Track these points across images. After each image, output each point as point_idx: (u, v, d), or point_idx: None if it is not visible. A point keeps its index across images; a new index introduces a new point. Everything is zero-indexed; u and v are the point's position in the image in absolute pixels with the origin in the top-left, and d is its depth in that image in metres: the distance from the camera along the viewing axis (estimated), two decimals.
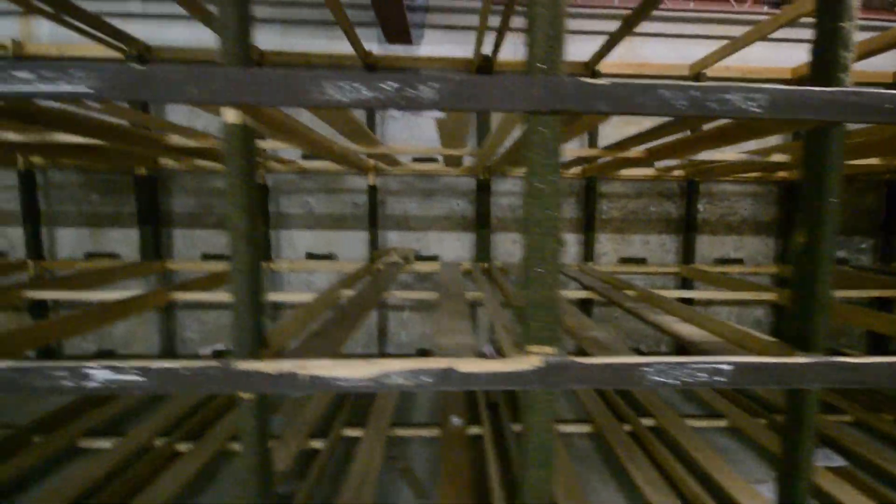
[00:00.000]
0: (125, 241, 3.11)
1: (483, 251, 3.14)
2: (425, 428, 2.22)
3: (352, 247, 3.21)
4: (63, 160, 2.76)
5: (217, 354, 3.10)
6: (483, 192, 3.11)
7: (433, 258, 3.23)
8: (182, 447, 1.96)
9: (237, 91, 0.94)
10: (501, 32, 2.36)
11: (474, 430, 2.14)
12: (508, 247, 3.29)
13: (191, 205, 3.11)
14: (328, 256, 3.18)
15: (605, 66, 2.95)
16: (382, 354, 3.20)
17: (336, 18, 2.33)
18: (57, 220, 3.07)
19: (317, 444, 2.00)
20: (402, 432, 2.18)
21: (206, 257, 3.11)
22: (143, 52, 2.81)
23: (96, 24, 2.45)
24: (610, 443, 2.03)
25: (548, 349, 1.04)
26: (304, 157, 3.00)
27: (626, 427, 2.18)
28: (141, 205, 2.96)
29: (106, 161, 2.64)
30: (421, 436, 2.18)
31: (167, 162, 2.88)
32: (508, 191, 3.23)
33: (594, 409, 2.35)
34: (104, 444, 2.00)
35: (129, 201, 3.06)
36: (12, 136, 1.90)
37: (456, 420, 2.13)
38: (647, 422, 2.22)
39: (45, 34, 2.95)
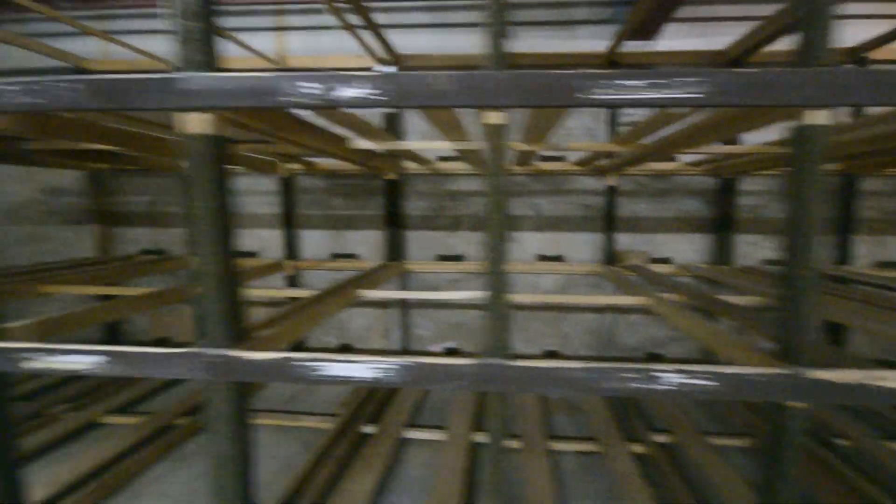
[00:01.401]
0: (362, 243, 3.30)
1: (724, 254, 2.98)
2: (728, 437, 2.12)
3: (576, 248, 3.18)
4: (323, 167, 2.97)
5: (449, 352, 3.21)
6: (726, 192, 2.95)
7: (664, 260, 3.12)
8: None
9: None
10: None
11: None
12: (745, 249, 3.10)
13: (424, 207, 3.24)
14: (557, 258, 3.17)
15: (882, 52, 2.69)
16: (613, 357, 3.15)
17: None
18: (303, 222, 3.33)
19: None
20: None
21: (442, 258, 3.23)
22: (396, 61, 2.96)
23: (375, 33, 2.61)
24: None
25: None
26: (542, 158, 3.01)
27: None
28: (387, 207, 3.13)
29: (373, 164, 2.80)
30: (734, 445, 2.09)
31: (410, 166, 3.02)
32: (750, 191, 3.04)
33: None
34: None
35: (368, 205, 3.25)
36: (365, 144, 2.06)
37: None
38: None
39: (297, 47, 3.19)
